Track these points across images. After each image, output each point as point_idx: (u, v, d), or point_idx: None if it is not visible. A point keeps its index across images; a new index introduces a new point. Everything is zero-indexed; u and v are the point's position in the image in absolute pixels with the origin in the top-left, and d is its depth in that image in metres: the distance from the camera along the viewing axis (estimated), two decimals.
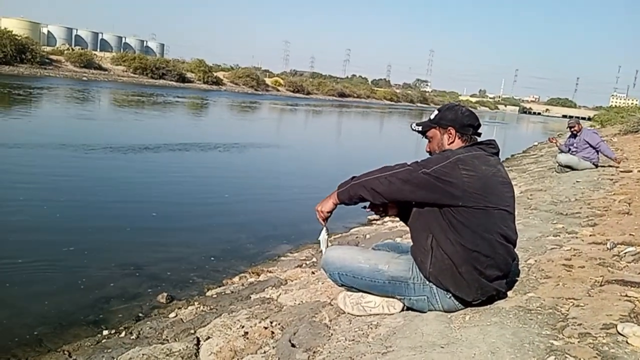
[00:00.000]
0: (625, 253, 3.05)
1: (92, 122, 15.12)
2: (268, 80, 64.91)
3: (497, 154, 2.34)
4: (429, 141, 2.46)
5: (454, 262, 2.17)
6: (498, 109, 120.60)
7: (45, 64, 40.48)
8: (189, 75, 51.42)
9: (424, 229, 2.27)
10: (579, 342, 1.84)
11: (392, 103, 78.30)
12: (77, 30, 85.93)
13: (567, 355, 1.73)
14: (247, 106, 33.08)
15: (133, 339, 2.83)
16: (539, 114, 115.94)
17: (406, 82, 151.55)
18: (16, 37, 38.31)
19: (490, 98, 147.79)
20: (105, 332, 3.03)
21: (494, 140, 2.35)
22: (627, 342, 1.80)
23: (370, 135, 23.86)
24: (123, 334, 2.95)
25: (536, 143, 21.16)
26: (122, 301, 3.57)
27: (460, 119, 2.37)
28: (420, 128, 2.47)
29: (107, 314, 3.37)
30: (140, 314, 3.36)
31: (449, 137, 2.37)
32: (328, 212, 2.38)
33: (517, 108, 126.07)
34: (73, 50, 48.00)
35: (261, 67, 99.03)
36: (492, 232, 2.16)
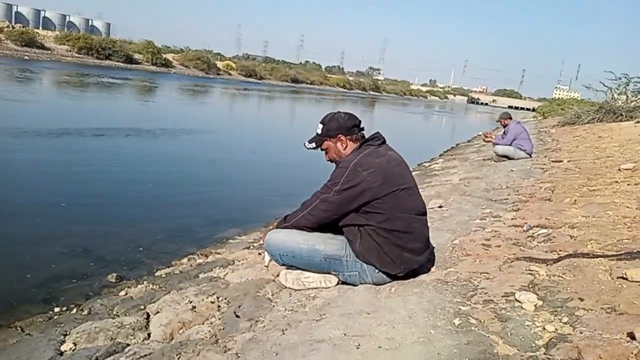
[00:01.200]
0: (538, 234, 3.43)
1: (34, 104, 14.62)
2: (219, 64, 63.89)
3: (383, 142, 2.67)
4: (326, 152, 2.73)
5: (379, 243, 2.47)
6: (447, 98, 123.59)
7: None
8: (136, 56, 49.97)
9: (349, 222, 2.57)
10: (482, 307, 2.16)
11: (345, 90, 78.82)
12: (17, 6, 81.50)
13: (469, 317, 2.04)
14: (197, 90, 32.61)
15: (84, 314, 2.96)
16: (487, 104, 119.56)
17: (359, 70, 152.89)
18: None
19: (440, 88, 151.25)
20: (56, 309, 3.15)
21: (377, 133, 2.69)
22: (521, 307, 2.12)
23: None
24: (74, 310, 3.08)
25: (480, 133, 21.99)
26: (72, 281, 3.66)
27: (343, 124, 2.66)
28: (313, 145, 2.73)
29: (57, 292, 3.47)
30: (91, 293, 3.48)
31: (342, 143, 2.66)
32: None
33: (466, 98, 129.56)
34: (13, 27, 45.62)
35: (212, 50, 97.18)
36: (405, 210, 2.47)
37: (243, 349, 2.08)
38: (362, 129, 2.72)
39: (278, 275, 2.97)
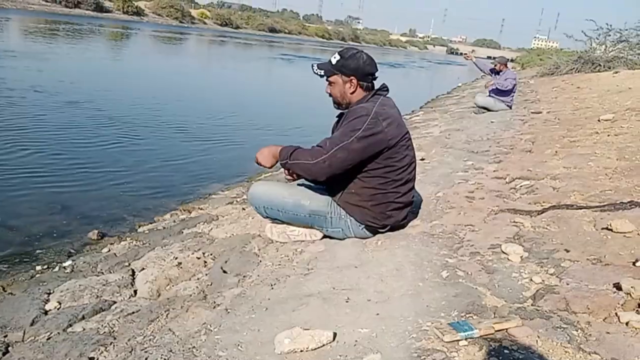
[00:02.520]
0: (520, 186, 3.46)
1: (16, 59, 13.98)
2: (194, 12, 61.80)
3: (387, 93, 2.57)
4: (330, 84, 2.54)
5: (368, 197, 2.43)
6: (427, 49, 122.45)
7: None
8: (106, 4, 48.01)
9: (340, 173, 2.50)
10: (469, 259, 2.18)
11: (324, 40, 77.36)
12: None
13: (457, 270, 2.06)
14: (173, 39, 31.62)
15: (67, 272, 2.92)
16: (466, 54, 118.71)
17: (338, 19, 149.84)
18: None
19: (420, 38, 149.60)
20: (38, 268, 3.08)
21: (384, 84, 2.57)
22: (507, 258, 2.15)
23: (302, 78, 23.69)
24: (57, 268, 3.02)
25: (460, 84, 21.94)
26: (52, 239, 3.59)
27: (362, 68, 2.46)
28: (322, 72, 2.52)
29: (38, 251, 3.40)
30: (72, 250, 3.42)
31: (351, 85, 2.47)
32: (269, 168, 2.57)
33: (445, 49, 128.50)
34: None
35: None
36: (405, 162, 2.43)
37: (232, 304, 2.07)
38: (375, 78, 2.55)
39: (264, 230, 2.96)
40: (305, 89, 16.01)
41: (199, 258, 2.79)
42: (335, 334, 1.66)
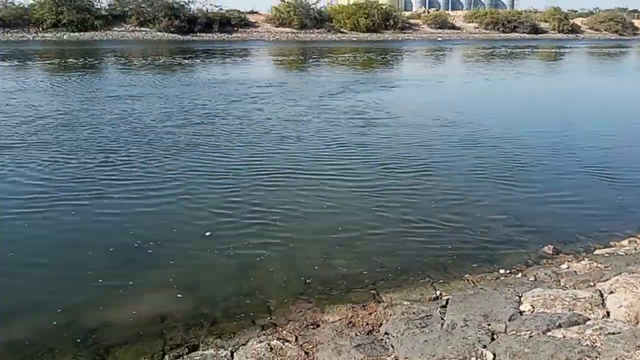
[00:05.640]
0: None
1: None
2: (637, 23, 55.00)
3: None
4: None
5: None
6: None
7: (405, 28, 44.29)
8: (542, 25, 48.32)
9: None
10: None
11: None
12: None
13: None
14: (608, 54, 29.10)
15: (531, 280, 3.12)
16: None
17: None
18: (382, 6, 42.98)
19: None
20: (501, 271, 3.42)
21: None
22: None
23: None
24: (519, 275, 3.28)
25: None
26: (509, 247, 3.89)
27: None
28: None
29: (497, 256, 3.75)
30: (529, 261, 3.64)
31: None
32: None
33: None
34: (428, 12, 50.94)
35: (627, 7, 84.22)
36: None
37: None
38: None
39: None
40: None
41: None
42: None
